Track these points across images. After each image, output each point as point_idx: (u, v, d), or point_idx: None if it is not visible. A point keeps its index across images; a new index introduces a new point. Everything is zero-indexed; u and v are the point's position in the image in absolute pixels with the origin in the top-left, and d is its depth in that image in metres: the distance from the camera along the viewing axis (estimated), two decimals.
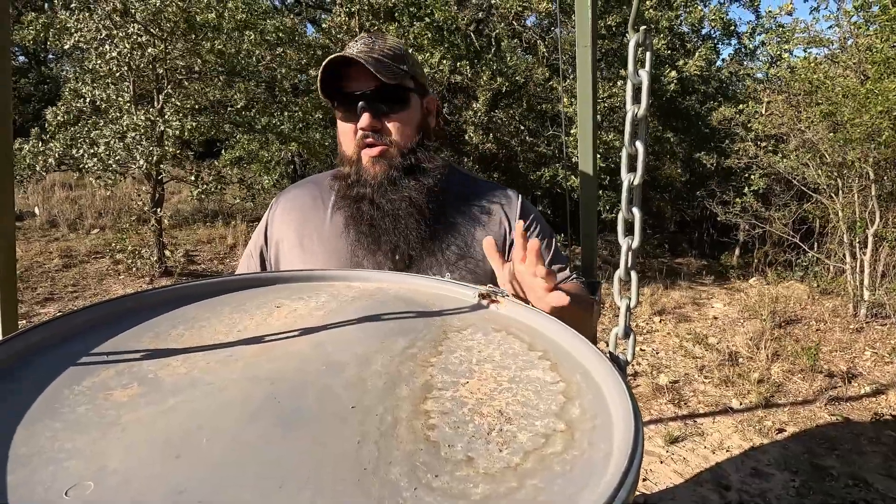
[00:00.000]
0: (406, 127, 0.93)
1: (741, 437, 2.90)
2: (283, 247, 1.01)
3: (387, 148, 0.92)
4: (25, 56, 13.24)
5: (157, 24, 4.45)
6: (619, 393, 0.51)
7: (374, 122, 0.90)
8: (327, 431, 0.44)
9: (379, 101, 0.90)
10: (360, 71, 0.89)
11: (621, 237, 0.59)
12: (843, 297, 5.03)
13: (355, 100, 0.90)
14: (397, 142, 0.92)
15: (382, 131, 0.92)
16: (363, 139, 0.92)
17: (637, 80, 0.55)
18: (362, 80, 0.89)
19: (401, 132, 0.92)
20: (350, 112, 0.91)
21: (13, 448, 0.39)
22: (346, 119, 0.93)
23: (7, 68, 0.96)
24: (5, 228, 1.03)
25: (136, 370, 0.52)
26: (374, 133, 0.91)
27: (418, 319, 0.69)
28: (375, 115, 0.90)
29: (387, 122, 0.92)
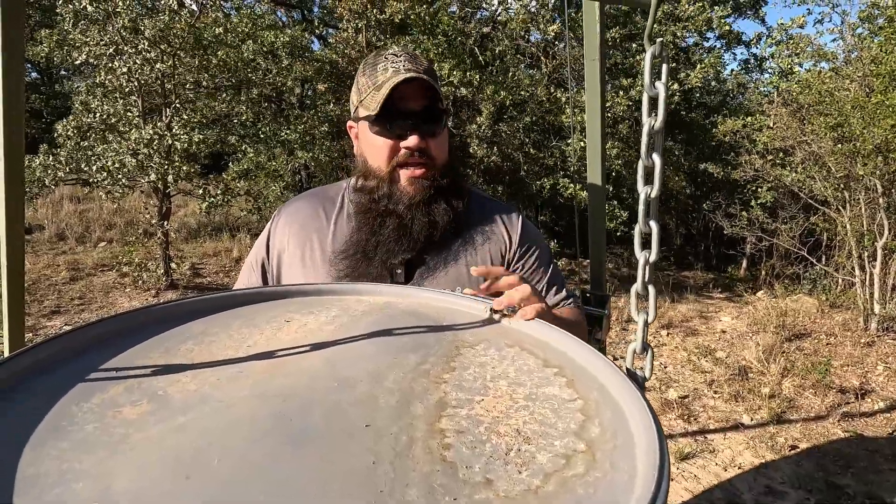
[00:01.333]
0: (444, 147, 0.94)
1: (753, 454, 2.84)
2: (284, 258, 1.01)
3: (428, 169, 0.92)
4: (38, 72, 13.48)
5: (166, 41, 4.52)
6: (639, 410, 0.49)
7: (421, 142, 0.89)
8: (340, 451, 0.43)
9: (426, 122, 0.90)
10: (412, 89, 0.88)
11: (638, 250, 0.58)
12: (853, 310, 4.96)
13: (407, 117, 0.89)
14: (438, 162, 0.93)
15: (426, 152, 0.91)
16: (406, 157, 0.91)
17: (653, 93, 0.54)
18: (412, 99, 0.89)
19: (441, 152, 0.93)
20: (392, 128, 0.89)
21: (20, 469, 0.38)
22: (384, 134, 0.90)
23: (21, 85, 0.97)
24: (15, 243, 1.03)
25: (145, 386, 0.51)
26: (419, 153, 0.90)
27: (430, 334, 0.67)
28: (422, 135, 0.90)
29: (431, 142, 0.91)
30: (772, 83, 7.30)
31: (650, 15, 0.53)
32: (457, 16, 5.78)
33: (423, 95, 0.89)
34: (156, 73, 4.56)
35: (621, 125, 5.90)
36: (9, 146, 0.97)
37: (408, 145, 0.89)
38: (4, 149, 0.98)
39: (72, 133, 4.90)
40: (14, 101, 0.96)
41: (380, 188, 0.93)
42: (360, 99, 0.93)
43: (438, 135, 0.92)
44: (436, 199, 0.92)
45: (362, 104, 0.92)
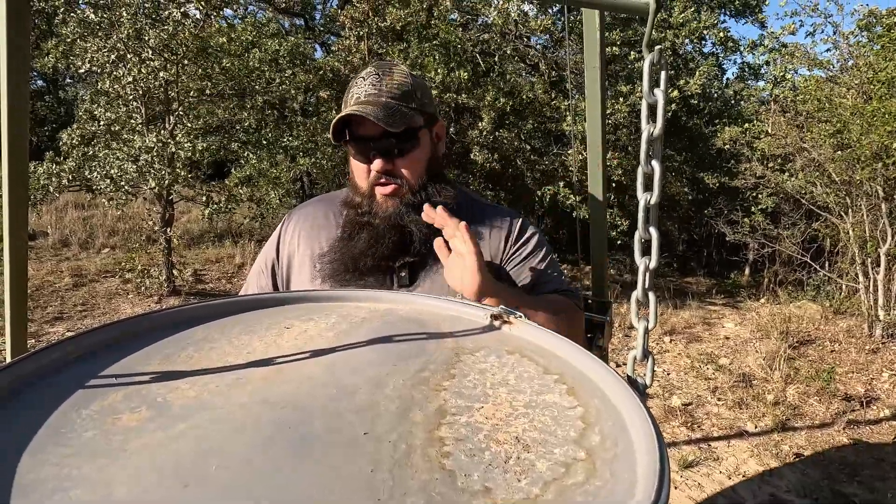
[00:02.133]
0: (416, 165, 0.97)
1: (757, 462, 2.82)
2: (294, 262, 1.04)
3: (398, 187, 0.97)
4: (43, 80, 13.61)
5: (170, 49, 4.56)
6: (639, 418, 0.49)
7: (385, 165, 0.94)
8: (339, 458, 0.43)
9: (389, 146, 0.94)
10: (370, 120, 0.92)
11: (638, 257, 0.58)
12: (857, 316, 4.94)
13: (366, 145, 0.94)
14: (409, 181, 0.97)
15: (394, 172, 0.96)
16: (376, 179, 0.96)
17: (652, 100, 0.54)
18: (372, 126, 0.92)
19: (411, 172, 0.97)
20: (362, 154, 0.96)
21: (19, 475, 0.38)
22: (358, 159, 0.97)
23: (25, 94, 0.98)
24: (18, 249, 1.04)
25: (144, 393, 0.51)
26: (386, 174, 0.95)
27: (429, 341, 0.67)
28: (386, 159, 0.94)
29: (398, 162, 0.96)
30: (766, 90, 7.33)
31: (648, 22, 0.54)
32: (457, 23, 5.82)
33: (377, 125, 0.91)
34: (159, 81, 4.59)
35: (620, 132, 5.91)
36: (13, 153, 0.98)
37: (374, 168, 0.95)
38: (8, 156, 0.98)
39: (77, 141, 4.93)
40: (18, 109, 0.96)
41: (362, 204, 0.99)
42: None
43: (406, 154, 0.95)
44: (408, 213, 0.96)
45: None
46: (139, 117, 4.82)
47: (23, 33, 0.94)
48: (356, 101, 0.94)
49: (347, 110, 0.92)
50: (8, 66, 0.93)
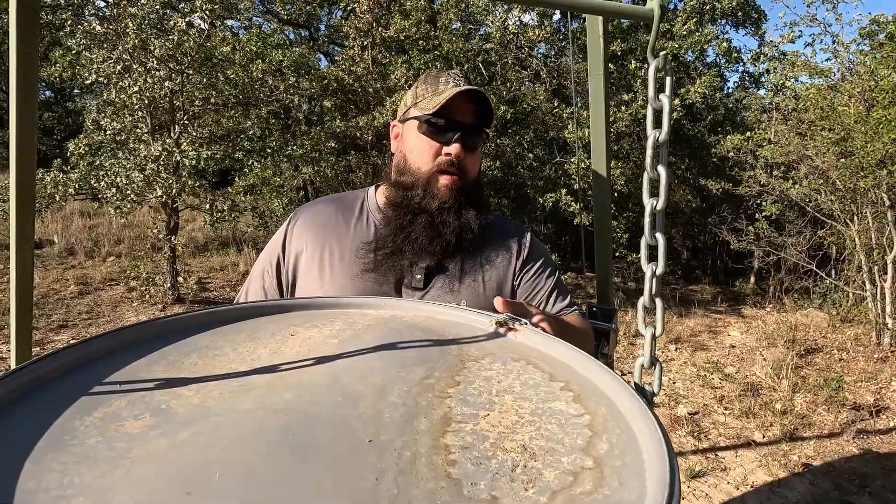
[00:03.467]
0: (477, 164, 1.01)
1: (766, 472, 2.78)
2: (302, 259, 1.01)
3: (459, 178, 0.97)
4: (51, 91, 13.78)
5: (175, 59, 4.61)
6: (648, 427, 0.48)
7: (461, 152, 0.95)
8: (344, 466, 0.42)
9: (471, 135, 0.96)
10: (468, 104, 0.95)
11: (644, 263, 0.58)
12: (865, 325, 4.89)
13: (458, 127, 0.95)
14: (470, 175, 0.99)
15: (463, 164, 0.97)
16: (445, 164, 0.96)
17: (657, 105, 0.54)
18: (465, 112, 0.95)
19: (473, 167, 1.00)
20: (440, 134, 0.95)
21: (21, 482, 0.38)
22: (432, 136, 0.96)
23: (34, 104, 0.98)
24: (24, 258, 1.04)
25: (148, 400, 0.50)
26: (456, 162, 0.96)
27: (434, 348, 0.67)
28: (465, 146, 0.96)
29: (468, 156, 0.97)
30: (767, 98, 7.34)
31: (653, 29, 0.54)
32: (459, 33, 5.86)
33: (475, 113, 0.96)
34: (164, 91, 4.64)
35: (623, 141, 5.91)
36: (21, 164, 0.99)
37: (450, 151, 0.95)
38: (16, 166, 0.99)
39: (83, 151, 4.98)
40: (27, 121, 0.97)
41: (415, 186, 0.97)
42: (415, 101, 0.99)
43: (475, 151, 0.99)
44: (465, 207, 0.97)
45: (417, 105, 0.98)
46: (145, 126, 4.87)
47: (32, 45, 0.95)
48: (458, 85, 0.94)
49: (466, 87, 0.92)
50: (17, 78, 0.94)
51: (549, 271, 1.06)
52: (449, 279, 0.97)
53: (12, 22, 0.92)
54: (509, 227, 1.09)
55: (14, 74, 0.95)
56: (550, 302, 1.04)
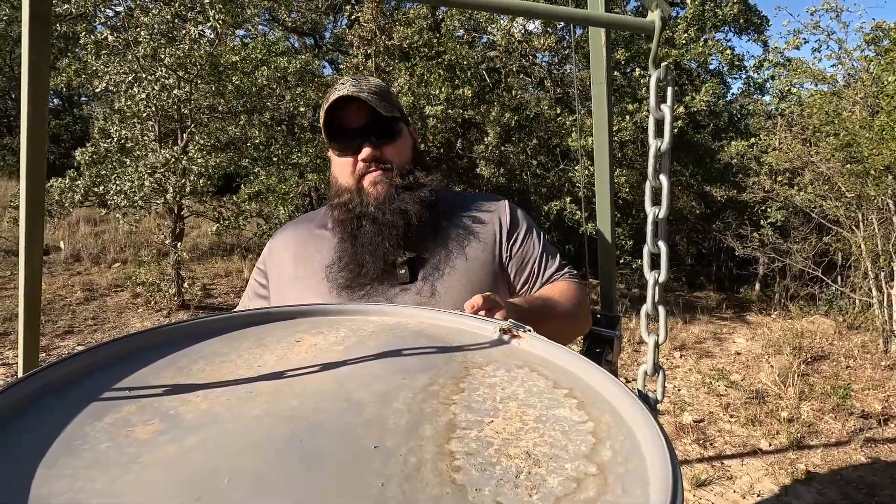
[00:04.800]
0: (404, 151, 1.01)
1: (772, 481, 2.75)
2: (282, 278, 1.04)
3: (387, 171, 0.98)
4: (59, 99, 13.94)
5: (184, 68, 4.66)
6: (651, 434, 0.48)
7: (374, 152, 0.97)
8: (350, 473, 0.43)
9: (376, 134, 0.97)
10: (357, 108, 0.96)
11: (647, 271, 0.58)
12: (871, 332, 4.85)
13: (354, 134, 0.97)
14: (397, 165, 0.99)
15: (383, 158, 0.98)
16: (365, 170, 0.98)
17: (659, 115, 0.55)
18: (358, 116, 0.96)
19: (400, 157, 1.00)
20: (348, 147, 0.98)
21: (34, 487, 0.39)
22: (343, 153, 0.99)
23: (44, 113, 1.00)
24: (33, 265, 1.05)
25: (157, 406, 0.51)
26: (375, 161, 0.97)
27: (439, 355, 0.67)
28: (375, 145, 0.97)
29: (386, 149, 0.98)
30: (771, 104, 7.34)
31: (654, 40, 0.55)
32: (463, 40, 5.91)
33: (365, 111, 0.96)
34: (172, 99, 4.69)
35: (627, 148, 5.92)
36: (31, 174, 1.00)
37: (362, 157, 0.97)
38: (27, 176, 1.01)
39: (90, 159, 5.03)
40: (37, 131, 0.99)
41: (351, 200, 0.99)
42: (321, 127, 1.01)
43: (392, 141, 0.99)
44: (399, 194, 0.97)
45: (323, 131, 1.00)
46: (152, 134, 4.92)
47: (44, 56, 0.97)
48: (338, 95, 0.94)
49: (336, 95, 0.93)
50: (29, 87, 0.96)
51: (534, 237, 1.07)
52: (434, 266, 0.98)
53: (25, 33, 0.94)
54: (484, 200, 1.09)
55: (26, 84, 0.97)
56: (542, 270, 1.05)
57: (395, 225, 0.95)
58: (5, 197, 7.68)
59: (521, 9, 0.55)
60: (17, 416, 0.48)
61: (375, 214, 0.96)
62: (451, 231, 1.01)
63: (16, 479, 0.39)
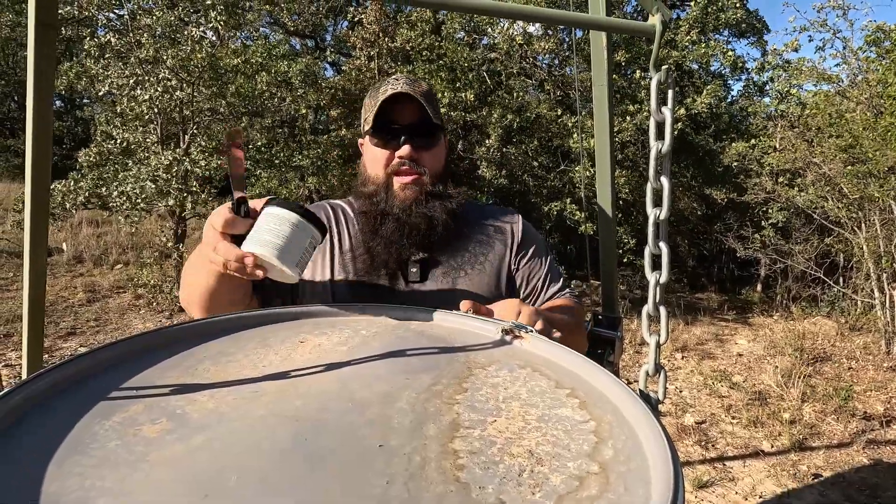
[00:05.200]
0: (439, 159, 1.03)
1: (775, 483, 2.75)
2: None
3: (419, 176, 0.99)
4: (61, 101, 13.98)
5: (186, 70, 4.68)
6: (653, 433, 0.49)
7: (412, 152, 0.98)
8: (355, 471, 0.43)
9: (420, 135, 0.99)
10: (409, 107, 0.97)
11: (648, 272, 0.59)
12: (874, 333, 4.84)
13: (400, 131, 0.98)
14: (430, 171, 1.01)
15: (418, 161, 0.99)
16: (399, 166, 0.98)
17: (660, 118, 0.56)
18: (408, 114, 0.98)
19: (434, 164, 1.02)
20: (389, 141, 0.99)
21: (45, 485, 0.39)
22: (381, 146, 0.99)
23: (49, 116, 1.01)
24: (37, 266, 1.06)
25: (164, 405, 0.52)
26: (410, 162, 0.98)
27: (441, 355, 0.68)
28: (415, 146, 0.98)
29: (424, 154, 1.00)
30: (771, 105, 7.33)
31: (655, 43, 0.55)
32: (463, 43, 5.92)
33: (416, 112, 0.97)
34: (175, 101, 4.71)
35: (628, 149, 5.93)
36: (36, 177, 1.01)
37: (400, 154, 0.98)
38: (31, 179, 1.01)
39: (93, 160, 5.04)
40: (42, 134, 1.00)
41: (377, 193, 1.00)
42: (364, 116, 1.03)
43: (431, 148, 1.00)
44: (428, 201, 0.99)
45: (366, 120, 1.01)
46: (154, 136, 4.94)
47: (49, 61, 0.97)
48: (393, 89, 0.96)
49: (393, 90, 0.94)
50: (34, 91, 0.97)
51: (542, 256, 1.10)
52: (446, 270, 1.00)
53: (30, 38, 0.95)
54: (501, 214, 1.12)
55: (31, 88, 0.97)
56: (545, 287, 1.08)
57: (419, 227, 0.97)
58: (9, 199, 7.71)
59: (524, 13, 0.56)
60: (26, 416, 0.49)
61: (400, 215, 0.97)
62: (467, 240, 1.04)
63: (26, 477, 0.40)
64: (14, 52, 12.47)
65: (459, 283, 0.99)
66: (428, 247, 0.99)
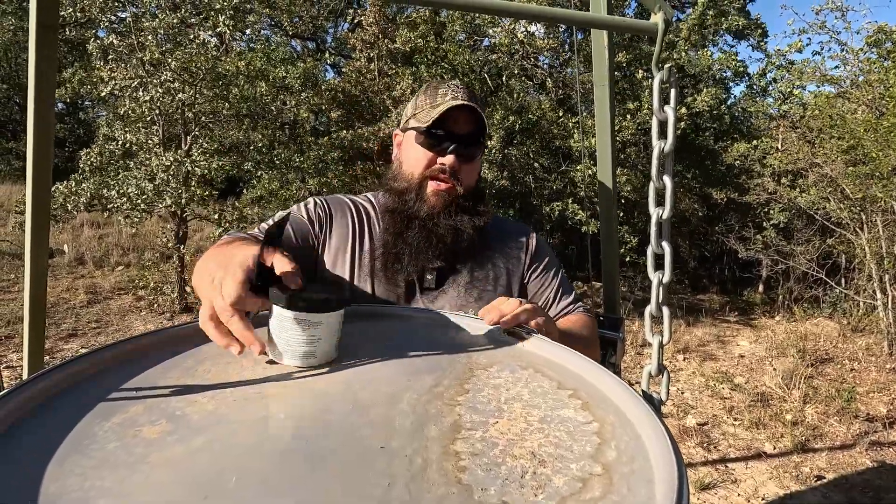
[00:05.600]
0: (475, 172, 1.03)
1: (777, 485, 2.74)
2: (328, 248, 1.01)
3: (454, 186, 0.98)
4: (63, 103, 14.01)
5: (189, 72, 4.69)
6: (656, 434, 0.49)
7: (455, 162, 0.97)
8: (356, 473, 0.43)
9: (466, 146, 0.98)
10: (466, 117, 0.96)
11: (651, 272, 0.58)
12: (876, 334, 4.83)
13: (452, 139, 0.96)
14: (466, 183, 1.00)
15: (457, 172, 0.98)
16: (438, 172, 0.97)
17: (662, 117, 0.55)
18: (463, 125, 0.97)
19: (470, 176, 1.01)
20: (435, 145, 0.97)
21: (44, 485, 0.39)
22: (427, 147, 0.98)
23: (50, 118, 1.01)
24: (38, 267, 1.06)
25: (164, 406, 0.51)
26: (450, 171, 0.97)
27: (443, 356, 0.68)
28: (459, 157, 0.97)
29: (464, 166, 0.99)
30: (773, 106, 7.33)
31: (657, 42, 0.55)
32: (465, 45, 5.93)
33: (471, 124, 0.97)
34: (177, 103, 4.72)
35: (629, 150, 5.93)
36: (37, 179, 1.01)
37: (444, 162, 0.97)
38: (33, 181, 1.01)
39: (95, 161, 5.05)
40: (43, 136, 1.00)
41: (408, 192, 0.99)
42: (414, 112, 1.01)
43: (471, 162, 1.00)
44: (456, 213, 0.98)
45: (415, 117, 1.00)
46: (156, 138, 4.94)
47: (50, 62, 0.98)
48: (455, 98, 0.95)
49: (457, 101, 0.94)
50: (35, 93, 0.97)
51: (554, 270, 1.10)
52: (461, 280, 1.00)
53: (32, 40, 0.95)
54: (515, 228, 1.12)
55: (32, 89, 0.98)
56: (556, 299, 1.08)
57: (445, 239, 0.96)
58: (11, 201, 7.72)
59: (525, 12, 0.55)
60: (26, 416, 0.49)
61: (426, 222, 0.97)
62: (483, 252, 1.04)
63: (26, 478, 0.40)
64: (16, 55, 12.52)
65: (473, 293, 1.00)
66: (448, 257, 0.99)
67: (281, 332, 0.60)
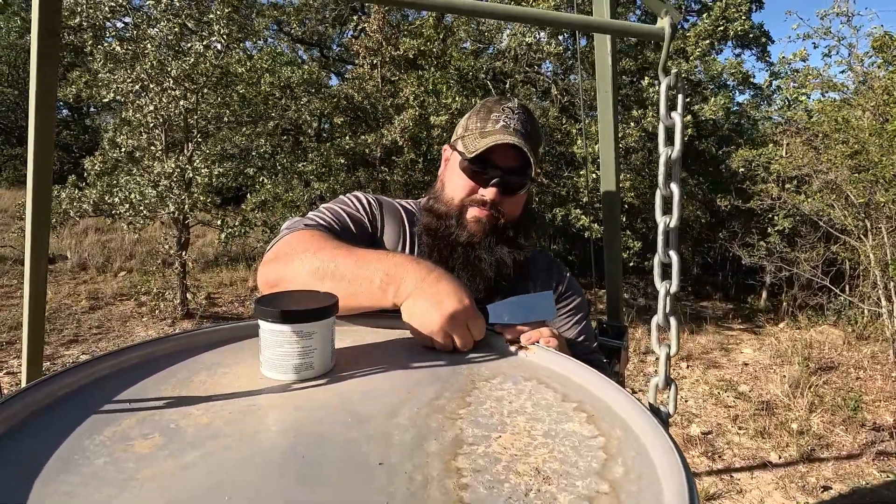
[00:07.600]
0: (519, 205, 0.99)
1: (783, 495, 2.70)
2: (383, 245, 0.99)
3: (494, 217, 0.95)
4: (69, 110, 14.12)
5: (191, 79, 4.71)
6: (664, 449, 0.47)
7: (496, 196, 0.93)
8: (353, 490, 0.41)
9: (510, 181, 0.94)
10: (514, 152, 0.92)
11: (658, 281, 0.57)
12: (881, 342, 4.79)
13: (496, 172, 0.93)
14: (507, 215, 0.97)
15: (499, 205, 0.95)
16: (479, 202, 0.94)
17: (669, 123, 0.54)
18: (510, 158, 0.93)
19: (513, 209, 0.98)
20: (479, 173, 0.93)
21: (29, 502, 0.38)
22: (469, 175, 0.94)
23: (52, 123, 1.01)
24: (38, 273, 1.05)
25: (157, 419, 0.50)
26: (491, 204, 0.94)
27: (444, 368, 0.66)
28: (502, 191, 0.94)
29: (506, 199, 0.95)
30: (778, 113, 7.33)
31: (664, 48, 0.54)
32: (469, 51, 5.95)
33: (518, 159, 0.93)
34: (179, 109, 4.73)
35: (633, 156, 5.93)
36: (37, 181, 1.01)
37: (484, 195, 0.94)
38: (33, 183, 1.01)
39: (99, 168, 5.07)
40: (44, 141, 0.99)
41: (447, 216, 0.96)
42: (464, 134, 0.98)
43: (515, 194, 0.96)
44: (497, 242, 0.95)
45: (463, 140, 0.97)
46: (159, 144, 4.96)
47: (52, 67, 0.97)
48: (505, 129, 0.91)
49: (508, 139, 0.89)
50: (37, 98, 0.97)
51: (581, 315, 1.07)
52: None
53: (33, 45, 0.95)
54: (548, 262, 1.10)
55: (34, 95, 0.97)
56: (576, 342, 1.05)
57: (487, 275, 0.94)
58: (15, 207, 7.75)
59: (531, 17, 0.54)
60: (17, 428, 0.47)
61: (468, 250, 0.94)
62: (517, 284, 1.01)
63: (12, 495, 0.38)
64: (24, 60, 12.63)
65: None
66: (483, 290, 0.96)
67: (274, 348, 0.59)
